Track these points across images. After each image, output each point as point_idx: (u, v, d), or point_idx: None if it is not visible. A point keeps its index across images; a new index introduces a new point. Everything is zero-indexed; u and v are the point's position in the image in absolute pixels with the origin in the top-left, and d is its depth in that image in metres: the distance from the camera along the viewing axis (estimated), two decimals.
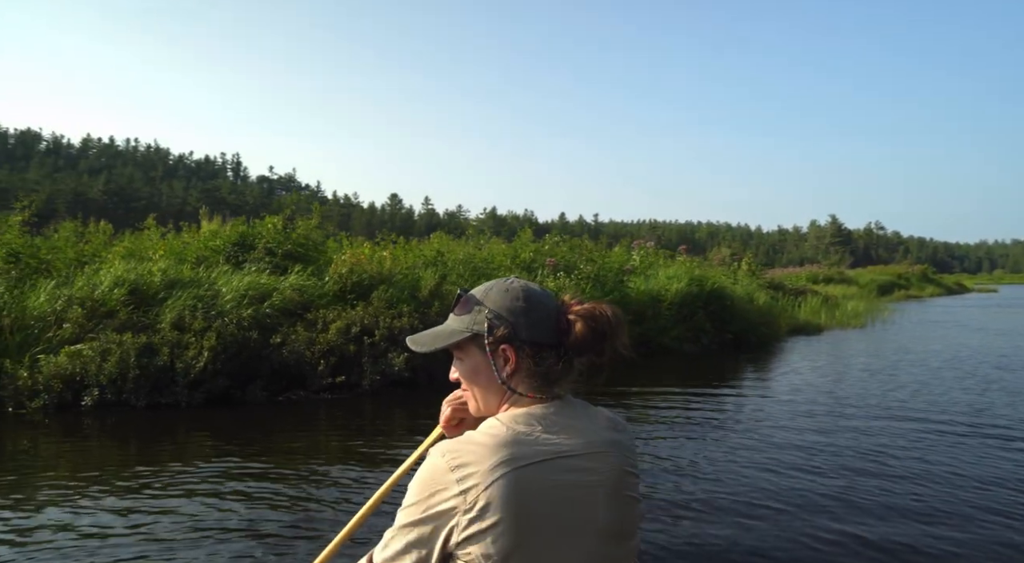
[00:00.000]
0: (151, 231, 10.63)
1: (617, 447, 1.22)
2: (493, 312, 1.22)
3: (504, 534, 1.07)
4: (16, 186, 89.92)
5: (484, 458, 1.10)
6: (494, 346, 1.21)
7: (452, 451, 1.12)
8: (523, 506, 1.08)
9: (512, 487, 1.08)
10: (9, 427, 6.60)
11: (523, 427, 1.15)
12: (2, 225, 8.73)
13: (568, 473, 1.13)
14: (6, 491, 4.70)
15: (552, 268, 11.10)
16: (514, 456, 1.10)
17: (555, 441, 1.15)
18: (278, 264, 9.34)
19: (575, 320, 1.21)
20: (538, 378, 1.22)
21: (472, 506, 1.07)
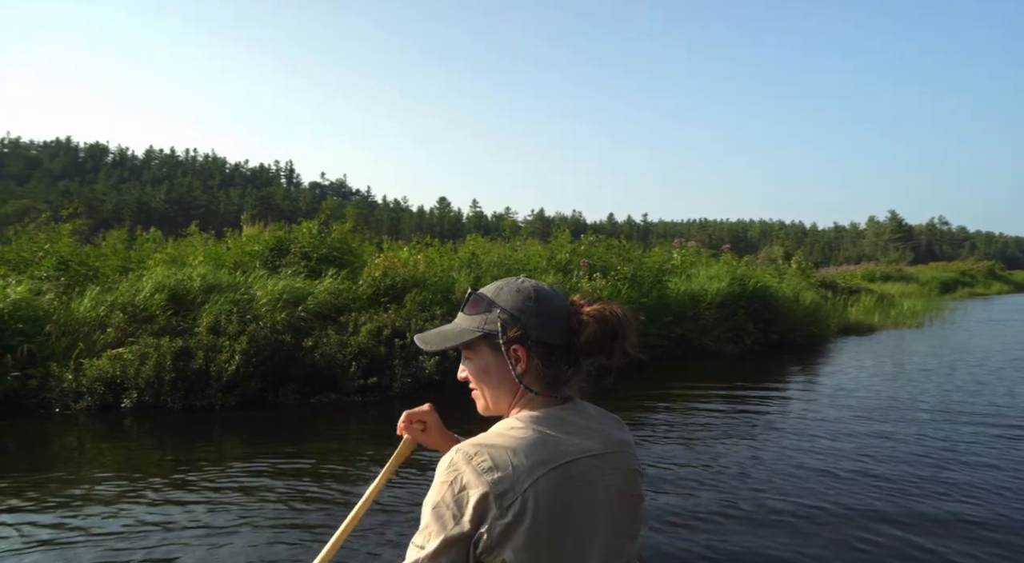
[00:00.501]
0: (194, 237, 10.93)
1: (627, 445, 1.25)
2: (506, 312, 1.22)
3: (539, 536, 1.08)
4: (86, 197, 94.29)
5: (518, 461, 1.10)
6: (506, 345, 1.21)
7: (479, 455, 1.11)
8: (559, 507, 1.10)
9: (549, 489, 1.09)
10: (56, 427, 6.86)
11: (547, 428, 1.16)
12: (53, 234, 9.08)
13: (591, 473, 1.16)
14: (57, 487, 4.94)
15: (587, 269, 10.97)
16: (545, 458, 1.11)
17: (577, 442, 1.17)
18: (313, 268, 9.48)
19: (587, 320, 1.21)
20: (548, 378, 1.22)
21: (508, 510, 1.07)
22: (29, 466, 5.57)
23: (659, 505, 4.50)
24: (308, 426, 6.92)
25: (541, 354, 1.22)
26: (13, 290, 7.74)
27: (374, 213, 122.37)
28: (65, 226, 9.28)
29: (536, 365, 1.22)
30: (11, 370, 7.13)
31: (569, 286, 10.36)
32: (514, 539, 1.07)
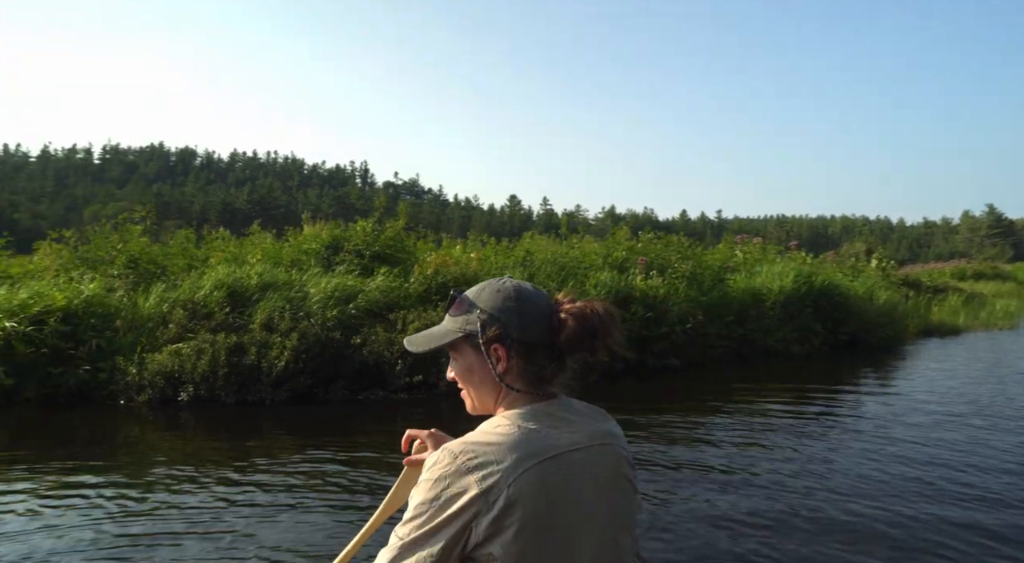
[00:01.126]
0: (256, 236, 11.28)
1: (615, 437, 1.26)
2: (485, 312, 1.25)
3: (527, 530, 1.09)
4: (177, 199, 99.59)
5: (503, 457, 1.11)
6: (487, 345, 1.24)
7: (465, 453, 1.12)
8: (545, 501, 1.10)
9: (535, 483, 1.10)
10: (121, 418, 7.21)
11: (532, 423, 1.17)
12: (125, 234, 9.55)
13: (577, 466, 1.16)
14: (124, 474, 5.28)
15: (644, 267, 10.70)
16: (531, 452, 1.12)
17: (562, 436, 1.17)
18: (366, 266, 9.61)
19: (566, 318, 1.22)
20: (530, 376, 1.24)
21: (494, 506, 1.08)
22: (100, 454, 5.95)
23: (722, 508, 4.34)
24: (355, 422, 7.01)
25: (521, 353, 1.23)
26: (86, 287, 8.18)
27: (446, 212, 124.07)
28: (136, 227, 9.75)
29: (517, 364, 1.23)
30: (82, 363, 7.54)
31: (623, 284, 10.13)
32: (502, 534, 1.09)
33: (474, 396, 1.31)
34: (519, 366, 1.23)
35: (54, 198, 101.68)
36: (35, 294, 7.98)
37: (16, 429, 6.94)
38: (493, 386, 1.26)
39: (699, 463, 5.43)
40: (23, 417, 7.19)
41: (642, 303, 9.98)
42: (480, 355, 1.25)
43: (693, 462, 5.47)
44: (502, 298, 1.25)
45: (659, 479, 5.04)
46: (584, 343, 1.22)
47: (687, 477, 5.08)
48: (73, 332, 7.73)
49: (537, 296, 1.28)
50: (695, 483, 4.93)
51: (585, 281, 10.21)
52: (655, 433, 6.49)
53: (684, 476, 5.10)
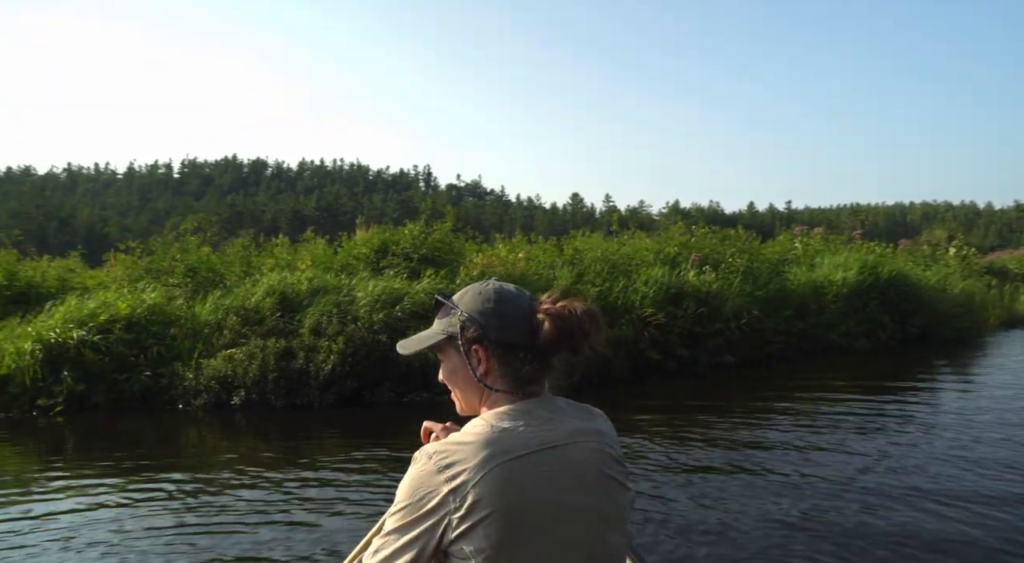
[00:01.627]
0: (312, 242, 11.53)
1: (598, 435, 1.25)
2: (465, 314, 1.27)
3: (497, 527, 1.11)
4: (249, 209, 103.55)
5: (471, 456, 1.13)
6: (466, 346, 1.26)
7: (438, 453, 1.16)
8: (513, 498, 1.12)
9: (501, 480, 1.11)
10: (181, 422, 7.52)
11: (506, 423, 1.19)
12: (185, 244, 9.95)
13: (554, 462, 1.17)
14: (190, 472, 5.57)
15: (697, 262, 10.42)
16: (500, 450, 1.14)
17: (538, 433, 1.19)
18: (414, 269, 9.69)
19: (543, 319, 1.23)
20: (510, 377, 1.25)
21: (463, 504, 1.11)
22: (166, 455, 6.34)
23: (783, 511, 4.20)
24: (401, 424, 7.07)
25: (499, 354, 1.25)
26: (148, 296, 8.55)
27: (508, 212, 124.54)
28: (193, 238, 10.15)
29: (496, 365, 1.25)
30: (144, 370, 7.88)
31: (675, 280, 9.89)
32: (473, 531, 1.11)
33: (460, 397, 1.33)
34: (499, 367, 1.25)
35: (139, 212, 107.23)
36: (102, 304, 8.40)
37: (89, 432, 7.32)
38: (476, 387, 1.28)
39: (760, 465, 5.23)
40: (94, 421, 7.58)
41: (694, 299, 9.72)
42: (463, 357, 1.27)
43: (753, 463, 5.28)
44: (482, 300, 1.27)
45: (716, 481, 4.89)
46: (562, 343, 1.23)
47: (747, 480, 4.90)
48: (136, 340, 8.09)
49: (518, 297, 1.29)
50: (756, 486, 4.75)
51: (635, 278, 10.03)
52: (710, 433, 6.31)
53: (744, 479, 4.92)
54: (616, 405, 7.87)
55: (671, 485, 4.81)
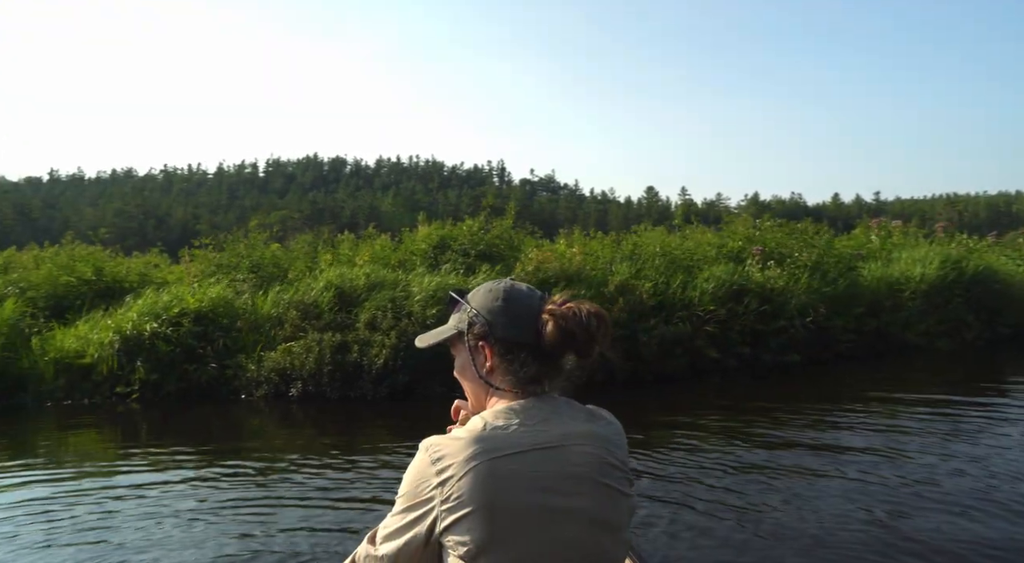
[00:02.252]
0: (374, 239, 11.78)
1: (596, 439, 1.25)
2: (475, 311, 1.29)
3: (479, 523, 1.13)
4: (329, 205, 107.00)
5: (459, 451, 1.16)
6: (473, 343, 1.29)
7: (434, 445, 1.20)
8: (497, 496, 1.14)
9: (486, 477, 1.14)
10: (243, 412, 7.85)
11: (500, 421, 1.21)
12: (251, 241, 10.36)
13: (544, 463, 1.18)
14: (255, 458, 5.87)
15: (760, 256, 10.04)
16: (488, 448, 1.16)
17: (531, 433, 1.19)
18: (471, 264, 9.75)
19: (547, 320, 1.24)
20: (512, 375, 1.26)
21: (448, 496, 1.15)
22: (232, 442, 6.72)
23: (864, 513, 4.02)
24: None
25: (503, 352, 1.26)
26: (214, 290, 8.95)
27: (582, 206, 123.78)
28: (259, 234, 10.56)
29: (500, 363, 1.26)
30: (210, 361, 8.25)
31: (737, 276, 9.57)
32: (457, 525, 1.14)
33: (469, 393, 1.37)
34: (502, 365, 1.26)
35: (227, 209, 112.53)
36: (174, 298, 8.84)
37: (161, 419, 7.75)
38: (483, 384, 1.30)
39: (833, 466, 5.00)
40: (166, 408, 8.00)
41: (757, 295, 9.38)
42: (470, 353, 1.31)
43: (824, 464, 5.06)
44: (491, 298, 1.29)
45: (785, 481, 4.72)
46: (565, 345, 1.23)
47: (821, 482, 4.69)
48: (204, 332, 8.48)
49: (528, 297, 1.30)
50: (831, 487, 4.56)
51: (696, 274, 9.77)
52: (775, 432, 6.11)
53: (811, 482, 4.70)
54: (674, 403, 7.73)
55: (744, 484, 4.70)
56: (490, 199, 11.72)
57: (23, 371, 8.38)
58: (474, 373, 1.31)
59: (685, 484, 4.74)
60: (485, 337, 1.27)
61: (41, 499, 4.76)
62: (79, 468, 5.88)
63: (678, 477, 4.90)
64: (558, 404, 1.28)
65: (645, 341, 8.36)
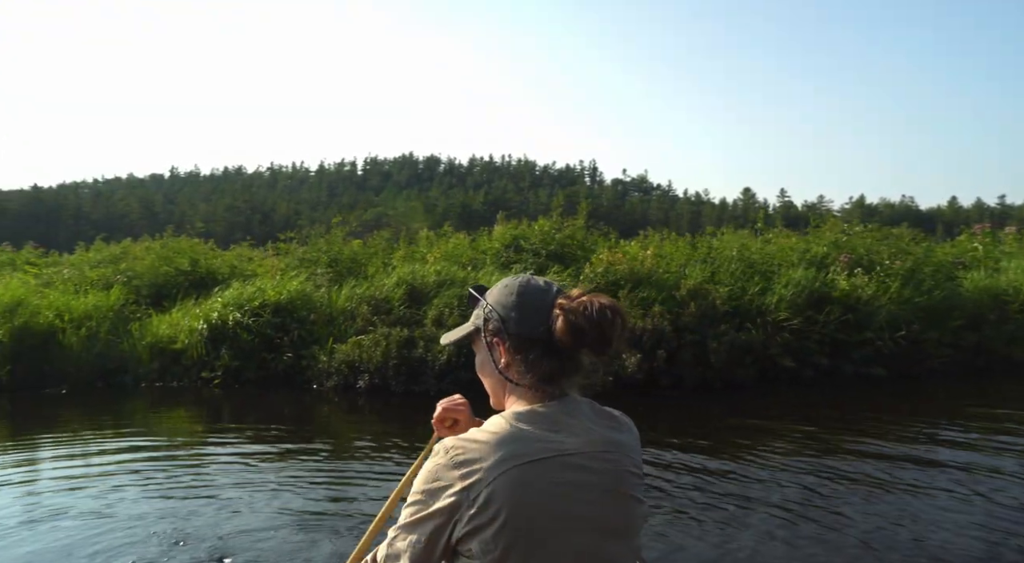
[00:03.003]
0: (453, 237, 11.99)
1: (618, 446, 1.22)
2: (490, 307, 1.28)
3: (506, 530, 1.10)
4: (423, 202, 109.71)
5: (487, 455, 1.13)
6: (488, 339, 1.28)
7: (455, 448, 1.16)
8: (524, 502, 1.11)
9: (514, 484, 1.11)
10: (314, 400, 8.18)
11: (525, 425, 1.17)
12: (331, 237, 10.77)
13: (568, 471, 1.15)
14: (324, 444, 6.32)
15: (847, 264, 9.50)
16: (516, 453, 1.13)
17: (557, 439, 1.17)
18: (542, 264, 9.75)
19: (558, 314, 1.20)
20: (529, 372, 1.23)
21: (475, 502, 1.11)
22: (303, 428, 7.13)
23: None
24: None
25: (516, 347, 1.23)
26: (292, 284, 9.37)
27: (674, 207, 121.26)
28: (338, 231, 10.97)
29: (515, 359, 1.24)
30: (287, 351, 8.64)
31: (819, 283, 9.11)
32: (481, 531, 1.10)
33: (489, 390, 1.34)
34: (518, 362, 1.24)
35: (327, 206, 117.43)
36: (257, 290, 9.32)
37: (240, 405, 8.20)
38: (501, 380, 1.28)
39: (923, 481, 4.78)
40: (245, 394, 8.46)
41: (840, 304, 8.89)
42: (487, 349, 1.29)
43: (913, 479, 4.85)
44: (506, 293, 1.27)
45: (848, 490, 4.59)
46: (575, 340, 1.18)
47: (909, 496, 4.51)
48: (282, 323, 8.90)
49: (542, 292, 1.26)
50: (919, 506, 4.37)
51: (775, 280, 9.37)
52: (856, 445, 5.84)
53: (900, 497, 4.52)
54: (743, 409, 7.49)
55: (832, 496, 4.58)
56: (560, 198, 11.70)
57: (124, 353, 9.07)
58: (492, 369, 1.29)
59: (769, 487, 4.70)
60: (499, 333, 1.26)
61: (140, 463, 5.59)
62: (171, 441, 6.55)
63: (761, 478, 4.90)
64: (581, 408, 1.25)
65: (715, 348, 8.10)
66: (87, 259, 12.52)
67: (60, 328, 9.04)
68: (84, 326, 9.13)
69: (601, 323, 1.17)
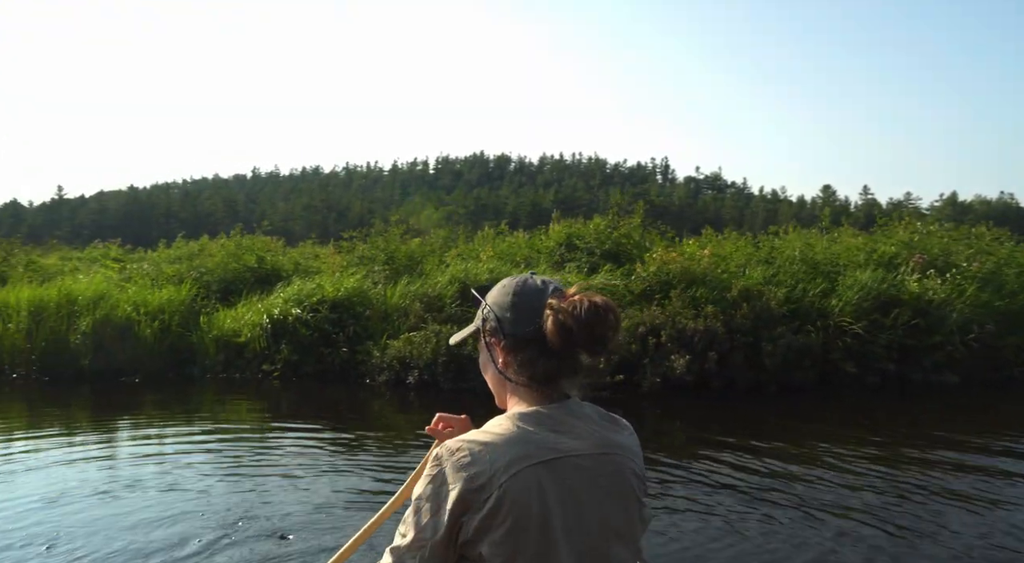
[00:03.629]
0: (509, 235, 12.05)
1: (622, 449, 1.22)
2: (488, 307, 1.27)
3: (512, 532, 1.09)
4: (493, 202, 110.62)
5: (496, 457, 1.11)
6: (486, 339, 1.28)
7: (460, 450, 1.14)
8: (532, 503, 1.10)
9: (524, 485, 1.10)
10: (367, 394, 8.40)
11: (530, 426, 1.16)
12: (388, 236, 11.02)
13: (574, 473, 1.14)
14: (371, 436, 6.45)
15: (920, 265, 9.01)
16: (523, 454, 1.12)
17: (562, 441, 1.16)
18: (595, 263, 9.68)
19: (548, 315, 1.18)
20: (526, 373, 1.22)
21: (484, 505, 1.09)
22: (356, 420, 7.39)
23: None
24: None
25: (512, 347, 1.22)
26: (349, 280, 9.63)
27: (749, 205, 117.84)
28: (396, 229, 11.20)
29: (513, 359, 1.23)
30: (342, 346, 8.89)
31: (886, 285, 8.68)
32: (490, 533, 1.09)
33: (492, 389, 1.33)
34: (515, 362, 1.23)
35: (399, 204, 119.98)
36: (316, 286, 9.62)
37: (299, 395, 8.50)
38: (501, 380, 1.27)
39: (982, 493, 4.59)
40: (303, 387, 8.75)
41: (909, 307, 8.46)
42: (487, 349, 1.29)
43: (996, 495, 4.63)
44: (503, 293, 1.26)
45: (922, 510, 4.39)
46: (564, 340, 1.16)
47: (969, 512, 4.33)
48: (339, 319, 9.16)
49: (539, 291, 1.24)
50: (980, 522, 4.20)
51: (839, 281, 9.00)
52: (924, 455, 5.61)
53: (989, 511, 4.35)
54: (801, 414, 7.28)
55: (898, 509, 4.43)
56: (616, 196, 11.53)
57: (192, 346, 9.54)
58: (493, 369, 1.28)
59: (831, 491, 4.65)
60: (496, 333, 1.25)
61: (209, 445, 6.06)
62: (236, 427, 6.94)
63: (829, 480, 4.87)
64: (583, 410, 1.24)
65: (769, 350, 7.85)
66: (165, 256, 13.23)
67: (136, 320, 9.59)
68: (158, 319, 9.65)
69: (591, 323, 1.15)
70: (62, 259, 15.44)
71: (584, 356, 1.22)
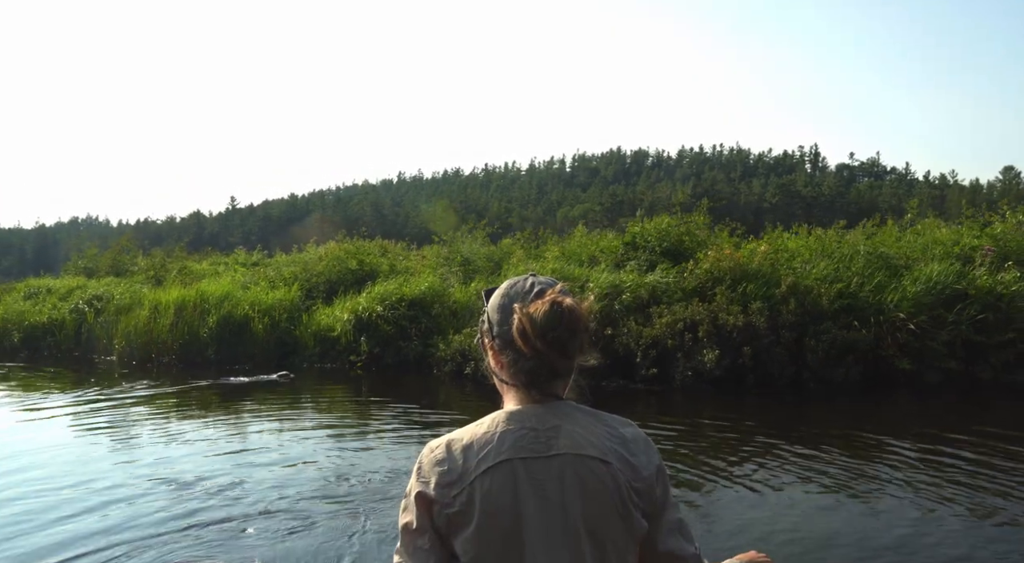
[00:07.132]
0: (582, 235, 12.55)
1: (610, 454, 1.17)
2: (486, 309, 1.29)
3: (483, 528, 1.11)
4: (628, 198, 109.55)
5: (469, 453, 1.14)
6: (481, 340, 1.30)
7: (437, 448, 1.18)
8: (503, 501, 1.11)
9: (494, 483, 1.11)
10: (433, 383, 9.33)
11: (511, 425, 1.17)
12: (468, 238, 11.92)
13: (548, 472, 1.14)
14: (436, 420, 7.20)
15: (990, 257, 8.51)
16: (496, 452, 1.14)
17: (542, 441, 1.15)
18: (653, 261, 9.97)
19: (516, 318, 1.16)
20: (511, 373, 1.22)
21: (454, 501, 1.12)
22: (423, 405, 8.11)
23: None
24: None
25: (500, 348, 1.23)
26: (427, 280, 10.63)
27: (912, 192, 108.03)
28: (480, 232, 12.09)
29: (500, 360, 1.23)
30: (415, 340, 9.90)
31: (951, 278, 8.32)
32: (462, 529, 1.12)
33: (499, 390, 1.32)
34: (504, 363, 1.23)
35: (536, 203, 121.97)
36: (397, 285, 10.72)
37: (378, 383, 9.57)
38: (497, 379, 1.29)
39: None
40: (383, 376, 9.85)
41: (977, 302, 8.08)
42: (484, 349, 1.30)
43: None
44: (498, 294, 1.26)
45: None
46: (525, 344, 1.15)
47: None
48: (415, 316, 10.18)
49: (523, 294, 1.23)
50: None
51: (905, 275, 8.74)
52: (991, 460, 5.38)
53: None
54: (848, 413, 7.26)
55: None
56: (680, 194, 11.64)
57: (295, 339, 10.97)
58: (492, 369, 1.28)
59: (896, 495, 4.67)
60: (486, 334, 1.27)
61: (306, 429, 6.91)
62: (331, 409, 7.99)
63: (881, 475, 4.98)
64: (572, 412, 1.21)
65: (812, 345, 7.86)
66: (286, 260, 15.03)
67: (251, 317, 11.17)
68: (268, 316, 11.18)
69: (546, 327, 1.13)
70: (212, 264, 17.88)
71: (557, 359, 1.17)
